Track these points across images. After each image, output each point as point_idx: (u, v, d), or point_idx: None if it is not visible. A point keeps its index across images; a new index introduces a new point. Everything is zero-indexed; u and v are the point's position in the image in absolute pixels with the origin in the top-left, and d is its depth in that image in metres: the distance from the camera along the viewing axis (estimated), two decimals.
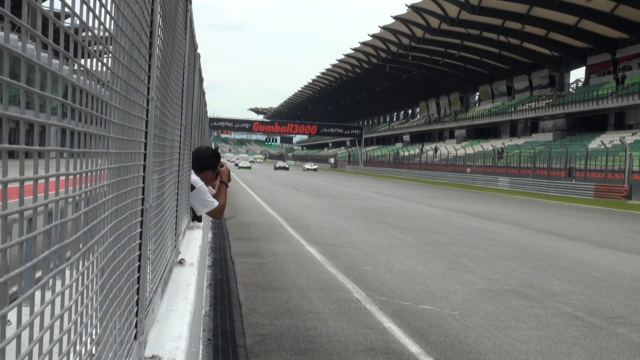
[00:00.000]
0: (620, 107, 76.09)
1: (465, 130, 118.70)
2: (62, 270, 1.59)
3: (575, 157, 67.22)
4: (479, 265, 17.16)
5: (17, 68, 1.28)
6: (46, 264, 1.57)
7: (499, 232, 26.01)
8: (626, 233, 27.37)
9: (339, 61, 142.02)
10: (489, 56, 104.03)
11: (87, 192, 1.83)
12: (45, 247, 1.52)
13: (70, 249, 1.74)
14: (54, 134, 1.59)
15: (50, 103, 1.48)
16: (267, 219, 28.28)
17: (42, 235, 1.47)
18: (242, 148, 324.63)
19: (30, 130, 1.39)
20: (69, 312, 1.65)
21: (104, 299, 2.11)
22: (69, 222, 1.71)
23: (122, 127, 2.33)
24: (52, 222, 1.55)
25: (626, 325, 11.12)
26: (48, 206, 1.46)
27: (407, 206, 39.45)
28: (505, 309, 12.11)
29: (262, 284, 13.83)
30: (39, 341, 1.40)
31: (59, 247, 1.57)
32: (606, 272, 16.70)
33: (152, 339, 3.26)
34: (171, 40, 4.35)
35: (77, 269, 1.75)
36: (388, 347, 9.40)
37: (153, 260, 3.59)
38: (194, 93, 8.09)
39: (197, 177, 7.27)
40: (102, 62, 1.98)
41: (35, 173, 1.36)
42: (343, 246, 19.92)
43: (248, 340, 9.49)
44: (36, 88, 1.34)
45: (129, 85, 2.42)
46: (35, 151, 1.36)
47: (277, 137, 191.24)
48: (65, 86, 1.58)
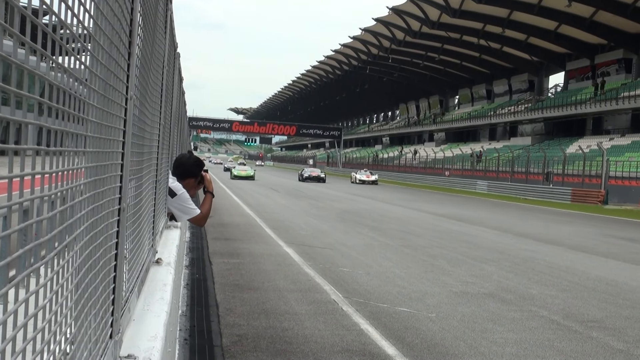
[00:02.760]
0: (598, 112, 76.50)
1: (445, 133, 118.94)
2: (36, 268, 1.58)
3: (553, 162, 67.54)
4: (457, 267, 17.21)
5: None
6: (21, 262, 1.56)
7: (477, 235, 26.09)
8: (602, 238, 27.52)
9: (319, 62, 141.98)
10: (469, 60, 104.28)
11: (63, 191, 1.82)
12: (20, 246, 1.51)
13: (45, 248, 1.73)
14: (30, 132, 1.58)
15: (27, 101, 1.48)
16: (245, 219, 28.26)
17: (17, 233, 1.47)
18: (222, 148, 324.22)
19: (6, 128, 1.38)
20: (43, 311, 1.65)
21: (79, 298, 2.10)
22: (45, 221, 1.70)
23: (100, 126, 2.33)
24: (28, 221, 1.54)
25: (601, 329, 11.18)
26: (23, 204, 1.46)
27: (385, 208, 39.52)
28: (481, 311, 12.15)
29: (239, 284, 13.82)
30: (12, 340, 1.39)
31: (34, 245, 1.57)
32: (582, 276, 16.79)
33: (128, 339, 3.26)
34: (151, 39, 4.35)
35: (52, 267, 1.74)
36: (364, 348, 9.41)
37: (130, 260, 3.59)
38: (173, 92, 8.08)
39: (178, 184, 7.23)
40: (80, 60, 1.97)
41: (11, 171, 1.35)
42: (321, 247, 19.93)
43: (225, 341, 9.49)
44: (12, 86, 1.33)
45: (108, 84, 2.41)
46: (11, 149, 1.35)
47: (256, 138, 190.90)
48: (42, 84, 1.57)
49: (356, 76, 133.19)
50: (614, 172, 57.70)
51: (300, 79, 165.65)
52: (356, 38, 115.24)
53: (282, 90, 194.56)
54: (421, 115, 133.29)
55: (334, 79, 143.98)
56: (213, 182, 8.16)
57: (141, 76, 3.70)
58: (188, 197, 7.23)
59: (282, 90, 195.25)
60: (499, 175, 76.90)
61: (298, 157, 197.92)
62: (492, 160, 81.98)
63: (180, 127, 15.08)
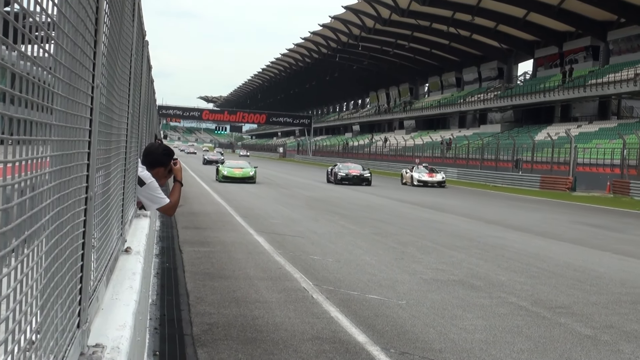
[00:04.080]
0: (566, 99, 76.91)
1: (415, 121, 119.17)
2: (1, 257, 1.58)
3: (522, 149, 67.85)
4: (427, 255, 17.28)
5: None
6: None
7: (447, 222, 26.21)
8: (570, 224, 27.71)
9: (289, 50, 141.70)
10: (438, 47, 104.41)
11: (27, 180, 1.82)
12: None
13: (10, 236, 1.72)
14: None
15: None
16: (216, 208, 28.23)
17: None
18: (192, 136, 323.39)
19: None
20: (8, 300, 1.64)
21: (45, 287, 2.09)
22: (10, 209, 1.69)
23: (66, 115, 2.31)
24: None
25: (569, 315, 11.27)
26: None
27: (355, 196, 39.58)
28: (451, 298, 12.21)
29: (210, 272, 13.80)
30: None
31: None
32: (550, 262, 16.90)
33: (96, 328, 3.25)
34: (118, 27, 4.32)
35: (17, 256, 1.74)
36: (335, 336, 9.44)
37: (98, 249, 3.57)
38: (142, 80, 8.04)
39: (148, 173, 7.18)
40: (44, 49, 1.96)
41: None
42: (291, 235, 19.95)
43: (195, 329, 9.48)
44: None
45: (73, 73, 2.40)
46: None
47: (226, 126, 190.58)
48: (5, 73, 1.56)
49: (326, 64, 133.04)
50: (581, 159, 58.10)
51: (271, 67, 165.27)
52: (326, 26, 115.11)
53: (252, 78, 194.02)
54: (391, 103, 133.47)
55: (304, 67, 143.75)
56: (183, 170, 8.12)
57: (108, 64, 3.68)
58: (157, 186, 7.18)
59: (252, 79, 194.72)
60: (468, 163, 77.19)
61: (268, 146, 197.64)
62: (462, 147, 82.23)
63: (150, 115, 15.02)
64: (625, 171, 52.49)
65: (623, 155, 53.26)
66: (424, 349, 9.00)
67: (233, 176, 48.64)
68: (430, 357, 8.70)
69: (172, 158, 7.56)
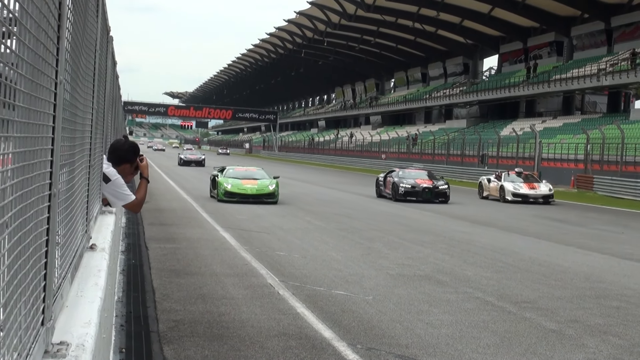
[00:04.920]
0: (530, 95, 77.37)
1: (381, 116, 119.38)
2: None
3: (488, 144, 68.13)
4: (393, 250, 17.33)
5: None
6: None
7: (413, 217, 26.31)
8: (534, 219, 27.89)
9: (255, 46, 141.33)
10: (404, 43, 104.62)
11: None
12: None
13: None
14: None
15: None
16: (182, 204, 28.16)
17: None
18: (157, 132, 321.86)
19: None
20: None
21: (8, 285, 2.08)
22: None
23: (29, 111, 2.30)
24: None
25: (534, 310, 11.35)
26: None
27: (321, 192, 39.64)
28: (418, 294, 12.26)
29: (176, 269, 13.78)
30: None
31: None
32: (515, 257, 17.02)
33: (61, 325, 3.23)
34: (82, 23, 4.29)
35: None
36: (301, 332, 9.45)
37: (62, 246, 3.55)
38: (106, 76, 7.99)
39: (113, 169, 7.14)
40: (6, 45, 1.94)
41: None
42: (257, 231, 19.94)
43: (161, 326, 9.46)
44: None
45: (36, 69, 2.38)
46: None
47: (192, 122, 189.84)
48: None
49: (291, 60, 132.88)
50: (546, 154, 58.43)
51: (236, 62, 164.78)
52: (291, 21, 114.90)
53: (218, 74, 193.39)
54: (357, 98, 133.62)
55: (269, 62, 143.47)
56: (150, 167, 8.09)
57: (72, 60, 3.66)
58: (123, 182, 7.16)
59: (218, 74, 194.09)
60: (434, 158, 77.39)
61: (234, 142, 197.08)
62: (428, 143, 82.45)
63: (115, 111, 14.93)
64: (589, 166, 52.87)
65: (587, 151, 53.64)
66: (391, 345, 9.03)
67: (243, 193, 30.20)
68: (397, 352, 8.73)
69: (138, 155, 7.53)
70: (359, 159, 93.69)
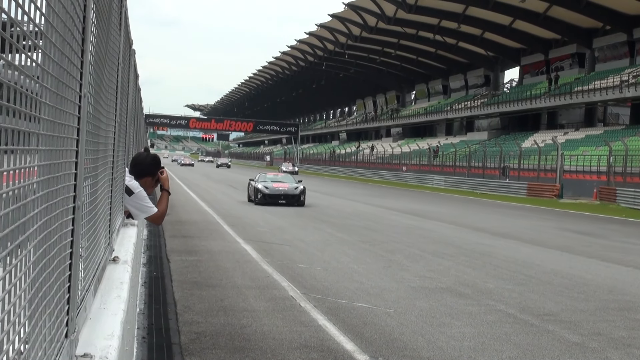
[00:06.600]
0: (552, 106, 77.12)
1: (402, 128, 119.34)
2: None
3: (509, 156, 67.93)
4: (414, 263, 17.28)
5: None
6: None
7: (434, 230, 26.23)
8: (557, 231, 27.77)
9: (276, 59, 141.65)
10: (425, 55, 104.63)
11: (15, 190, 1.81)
12: None
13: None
14: None
15: None
16: (203, 217, 28.18)
17: None
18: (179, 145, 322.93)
19: None
20: None
21: (33, 297, 2.09)
22: None
23: (53, 124, 2.31)
24: None
25: (557, 322, 11.28)
26: None
27: (343, 204, 39.59)
28: (439, 306, 12.21)
29: (197, 281, 13.78)
30: None
31: None
32: (538, 269, 16.93)
33: (84, 338, 3.24)
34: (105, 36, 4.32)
35: (5, 266, 1.73)
36: (323, 344, 9.43)
37: (85, 258, 3.56)
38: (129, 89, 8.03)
39: (136, 182, 7.20)
40: (31, 58, 1.96)
41: None
42: (278, 244, 19.93)
43: (183, 338, 9.46)
44: None
45: (60, 82, 2.39)
46: None
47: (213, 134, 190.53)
48: None
49: (312, 72, 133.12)
50: (568, 166, 58.27)
51: (257, 75, 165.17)
52: (312, 34, 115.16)
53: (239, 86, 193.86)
54: (378, 110, 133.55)
55: (290, 75, 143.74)
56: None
57: (95, 73, 3.68)
58: (145, 195, 7.20)
59: (239, 87, 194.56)
60: (455, 170, 77.25)
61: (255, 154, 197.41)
62: (449, 155, 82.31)
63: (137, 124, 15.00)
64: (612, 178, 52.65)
65: (609, 162, 53.43)
66: (413, 357, 9.00)
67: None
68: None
69: (160, 168, 7.59)
70: (380, 171, 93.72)
